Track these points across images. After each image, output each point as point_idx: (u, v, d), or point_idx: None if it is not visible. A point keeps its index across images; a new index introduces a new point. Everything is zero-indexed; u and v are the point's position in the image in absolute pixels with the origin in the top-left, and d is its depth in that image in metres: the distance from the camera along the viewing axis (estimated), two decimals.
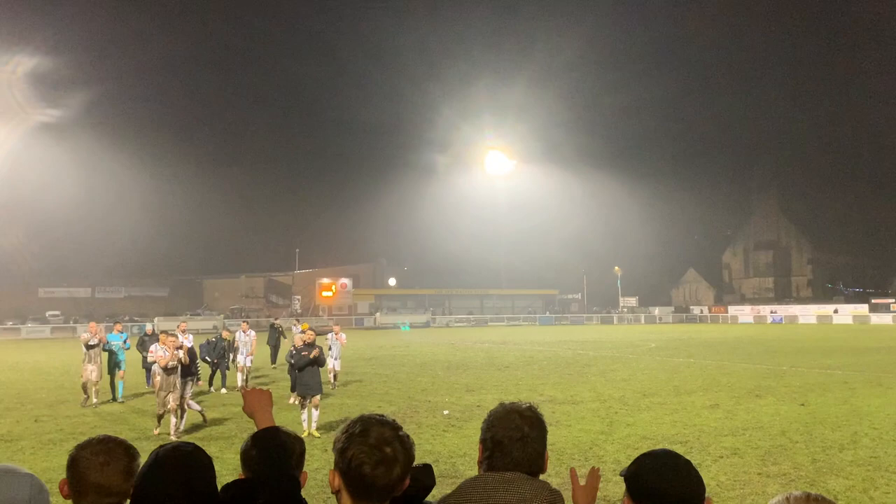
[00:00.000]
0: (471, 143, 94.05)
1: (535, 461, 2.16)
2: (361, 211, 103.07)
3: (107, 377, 17.11)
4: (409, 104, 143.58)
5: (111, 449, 2.20)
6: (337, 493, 1.89)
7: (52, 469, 9.25)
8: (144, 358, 17.61)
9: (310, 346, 12.35)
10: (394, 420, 1.96)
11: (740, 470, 9.09)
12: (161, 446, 2.21)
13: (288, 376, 15.60)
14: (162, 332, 14.89)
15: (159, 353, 12.69)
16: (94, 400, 15.83)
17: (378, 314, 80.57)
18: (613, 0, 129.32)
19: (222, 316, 73.13)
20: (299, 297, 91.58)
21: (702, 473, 7.54)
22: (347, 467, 1.83)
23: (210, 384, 18.96)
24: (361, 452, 1.82)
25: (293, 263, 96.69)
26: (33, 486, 2.04)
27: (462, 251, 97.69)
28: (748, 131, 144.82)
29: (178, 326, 17.85)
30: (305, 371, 12.22)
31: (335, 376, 18.50)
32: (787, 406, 14.50)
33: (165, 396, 12.31)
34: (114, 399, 16.74)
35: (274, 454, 2.13)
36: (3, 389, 19.31)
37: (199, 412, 13.74)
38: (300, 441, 2.53)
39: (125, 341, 18.09)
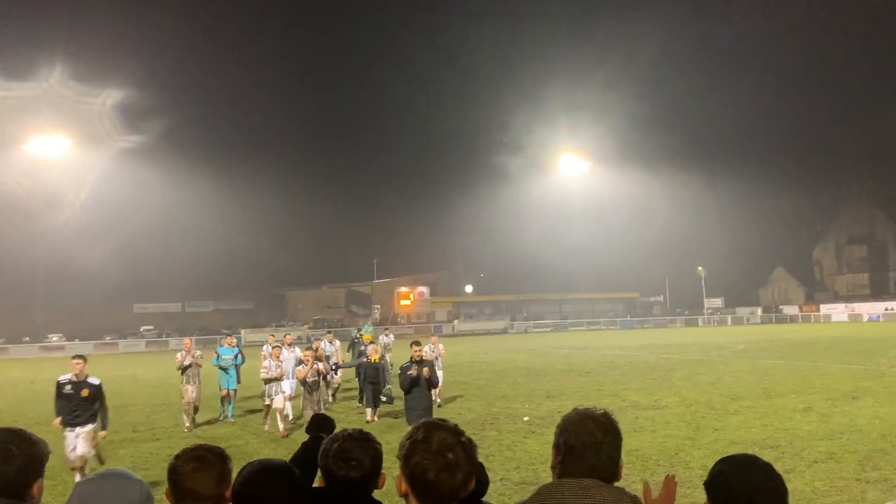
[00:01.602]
0: (545, 145, 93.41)
1: (608, 468, 2.14)
2: (436, 218, 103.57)
3: (213, 394, 16.36)
4: (482, 107, 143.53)
5: (202, 456, 2.32)
6: (405, 496, 1.94)
7: (148, 477, 9.68)
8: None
9: (418, 362, 10.82)
10: (455, 425, 1.99)
11: (837, 475, 8.67)
12: (251, 462, 2.34)
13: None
14: (308, 347, 14.86)
15: (297, 366, 12.64)
16: (189, 424, 14.71)
17: (456, 321, 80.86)
18: (693, 6, 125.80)
19: (306, 326, 74.90)
20: (379, 306, 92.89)
21: (795, 479, 7.33)
22: (412, 474, 1.88)
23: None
24: (425, 459, 1.86)
25: (372, 273, 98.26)
26: (142, 492, 2.17)
27: (538, 256, 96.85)
28: (836, 123, 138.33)
29: (283, 337, 17.39)
30: (413, 393, 10.66)
31: (438, 392, 16.69)
32: (886, 408, 13.74)
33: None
34: (223, 418, 15.74)
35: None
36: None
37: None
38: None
39: (237, 356, 16.86)
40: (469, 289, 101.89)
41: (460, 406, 16.52)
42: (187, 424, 14.62)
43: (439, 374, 16.12)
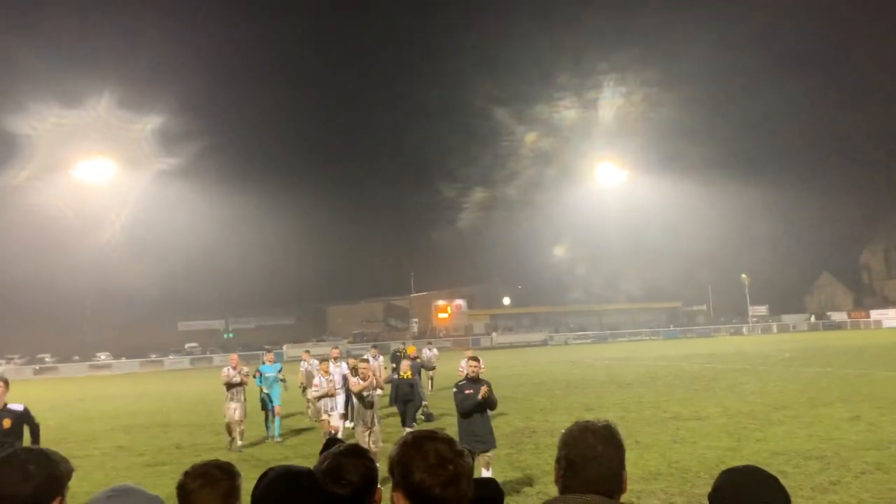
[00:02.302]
0: (580, 154, 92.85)
1: (610, 481, 2.11)
2: (473, 229, 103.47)
3: (253, 409, 15.81)
4: (517, 116, 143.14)
5: (208, 472, 2.32)
6: None
7: None
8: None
9: (474, 381, 9.14)
10: (444, 433, 1.98)
11: (885, 487, 8.43)
12: (274, 467, 2.35)
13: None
14: (361, 358, 13.68)
15: (353, 379, 11.33)
16: (240, 442, 14.42)
17: (494, 334, 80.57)
18: (739, 8, 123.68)
19: (346, 340, 75.44)
20: (417, 319, 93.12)
21: (842, 491, 7.18)
22: (416, 491, 1.83)
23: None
24: (427, 475, 1.82)
25: (409, 287, 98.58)
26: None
27: (576, 266, 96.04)
28: (882, 125, 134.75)
29: (331, 352, 16.31)
30: (473, 417, 9.01)
31: None
32: None
33: (364, 433, 10.83)
34: (269, 438, 15.29)
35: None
36: (149, 418, 20.78)
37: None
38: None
39: (280, 372, 16.53)
40: (507, 301, 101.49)
41: (498, 420, 16.45)
42: (235, 444, 14.16)
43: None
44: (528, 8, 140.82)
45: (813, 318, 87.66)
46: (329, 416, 13.11)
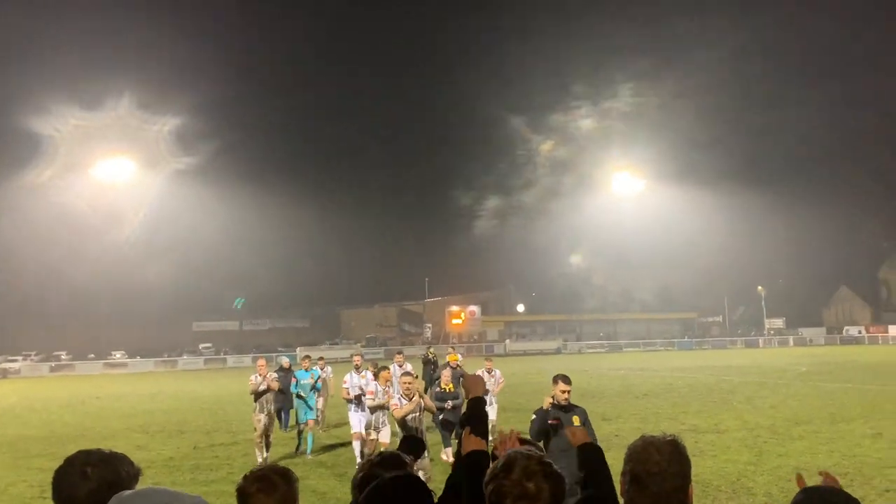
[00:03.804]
0: (597, 163, 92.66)
1: (675, 496, 2.10)
2: (487, 235, 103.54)
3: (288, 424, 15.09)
4: (534, 124, 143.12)
5: (266, 476, 2.35)
6: None
7: (209, 494, 9.87)
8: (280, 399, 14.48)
9: (564, 409, 7.34)
10: (542, 456, 1.96)
11: None
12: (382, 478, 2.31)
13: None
14: (382, 367, 12.20)
15: (394, 400, 9.43)
16: (266, 453, 12.69)
17: (508, 341, 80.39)
18: (757, 16, 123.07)
19: (359, 345, 75.61)
20: (430, 324, 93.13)
21: None
22: (488, 501, 1.85)
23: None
24: (503, 486, 1.83)
25: (423, 292, 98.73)
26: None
27: (592, 275, 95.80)
28: None
29: (353, 358, 14.23)
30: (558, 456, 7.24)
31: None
32: None
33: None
34: (298, 452, 13.63)
35: None
36: (165, 417, 20.90)
37: None
38: None
39: (318, 380, 14.94)
40: (521, 308, 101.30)
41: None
42: (259, 460, 12.46)
43: (493, 408, 14.10)
44: (546, 18, 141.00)
45: (825, 332, 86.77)
46: (378, 431, 11.46)
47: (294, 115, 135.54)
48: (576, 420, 6.62)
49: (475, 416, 2.65)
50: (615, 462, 2.34)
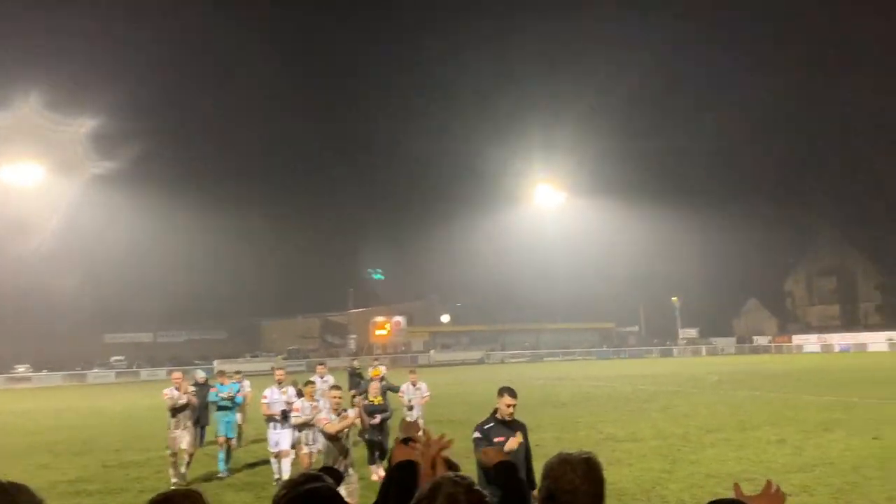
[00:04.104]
0: (521, 175, 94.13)
1: None
2: (413, 247, 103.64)
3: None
4: (459, 137, 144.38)
5: (170, 498, 2.23)
6: None
7: None
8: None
9: (506, 424, 6.75)
10: (470, 481, 1.92)
11: None
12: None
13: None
14: (308, 382, 11.67)
15: (321, 414, 8.98)
16: (184, 470, 12.01)
17: (432, 351, 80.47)
18: (669, 37, 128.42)
19: (280, 357, 74.12)
20: (354, 336, 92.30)
21: None
22: None
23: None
24: None
25: (347, 303, 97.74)
26: None
27: (515, 286, 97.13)
28: (808, 158, 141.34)
29: (275, 372, 13.13)
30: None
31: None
32: (858, 440, 13.91)
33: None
34: (221, 473, 12.57)
35: None
36: (71, 434, 19.92)
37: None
38: None
39: (238, 394, 13.96)
40: (446, 318, 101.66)
41: None
42: (174, 480, 11.72)
43: (421, 422, 13.04)
44: (474, 38, 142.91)
45: (735, 342, 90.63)
46: (310, 448, 10.83)
47: (218, 120, 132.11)
48: (518, 437, 6.41)
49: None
50: (535, 473, 2.37)
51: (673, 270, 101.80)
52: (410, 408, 13.64)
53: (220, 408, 13.39)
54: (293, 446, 11.59)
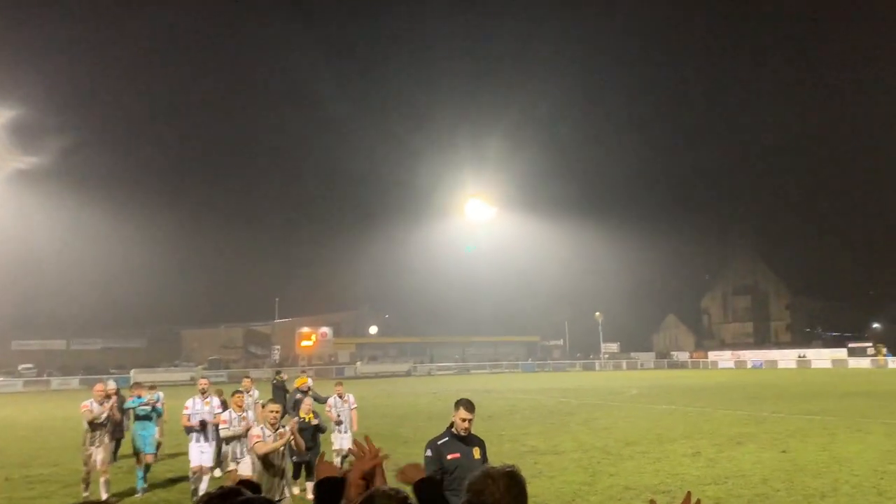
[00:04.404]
0: (452, 190, 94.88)
1: None
2: (342, 259, 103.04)
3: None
4: (390, 152, 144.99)
5: None
6: None
7: None
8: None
9: (464, 440, 6.15)
10: (404, 496, 1.93)
11: None
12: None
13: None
14: (236, 391, 11.14)
15: (255, 431, 8.18)
16: (104, 494, 10.91)
17: (359, 363, 79.79)
18: (589, 55, 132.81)
19: (201, 367, 72.02)
20: (279, 347, 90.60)
21: None
22: None
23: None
24: None
25: (273, 312, 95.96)
26: None
27: (444, 298, 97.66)
28: (726, 178, 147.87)
29: (199, 382, 12.58)
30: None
31: (343, 458, 12.51)
32: (768, 453, 14.54)
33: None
34: (140, 491, 11.80)
35: None
36: None
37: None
38: None
39: (158, 403, 13.12)
40: (374, 330, 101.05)
41: None
42: (85, 494, 11.08)
43: (346, 438, 13.02)
44: (404, 54, 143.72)
45: (654, 357, 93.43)
46: (238, 463, 10.29)
47: (144, 121, 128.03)
48: (476, 453, 6.00)
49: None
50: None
51: (597, 286, 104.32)
52: (339, 422, 13.37)
53: (138, 417, 12.63)
54: (219, 462, 11.00)
